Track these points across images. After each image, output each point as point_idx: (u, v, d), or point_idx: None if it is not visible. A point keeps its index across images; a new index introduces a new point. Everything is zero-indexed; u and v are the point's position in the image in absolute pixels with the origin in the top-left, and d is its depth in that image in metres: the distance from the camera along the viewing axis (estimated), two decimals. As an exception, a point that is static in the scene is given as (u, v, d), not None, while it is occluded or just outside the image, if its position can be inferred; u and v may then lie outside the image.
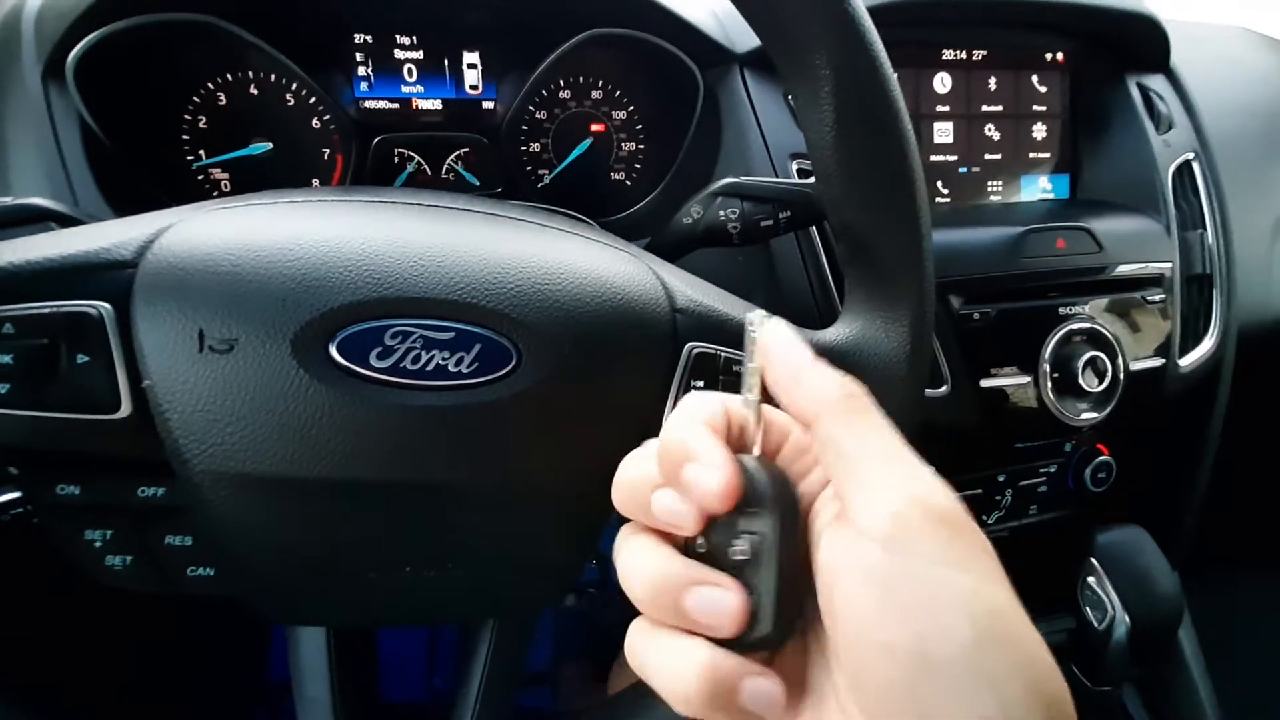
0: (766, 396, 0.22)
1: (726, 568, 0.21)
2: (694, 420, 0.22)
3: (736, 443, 0.23)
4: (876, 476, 0.20)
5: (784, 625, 0.20)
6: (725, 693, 0.20)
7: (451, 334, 0.27)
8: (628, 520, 0.23)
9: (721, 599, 0.20)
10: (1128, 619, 0.52)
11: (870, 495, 0.20)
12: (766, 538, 0.20)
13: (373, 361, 0.27)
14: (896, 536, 0.19)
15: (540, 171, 0.60)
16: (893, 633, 0.18)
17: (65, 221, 0.34)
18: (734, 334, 0.31)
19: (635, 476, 0.23)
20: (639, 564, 0.22)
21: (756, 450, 0.22)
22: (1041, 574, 0.59)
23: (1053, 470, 0.60)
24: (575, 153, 0.60)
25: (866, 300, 0.34)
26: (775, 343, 0.23)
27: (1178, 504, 0.66)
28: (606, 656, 0.72)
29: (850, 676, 0.19)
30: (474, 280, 0.28)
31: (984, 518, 0.59)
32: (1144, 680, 0.63)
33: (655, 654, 0.21)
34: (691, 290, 0.32)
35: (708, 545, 0.21)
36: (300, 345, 0.26)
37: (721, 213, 0.41)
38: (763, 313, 0.23)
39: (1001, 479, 0.59)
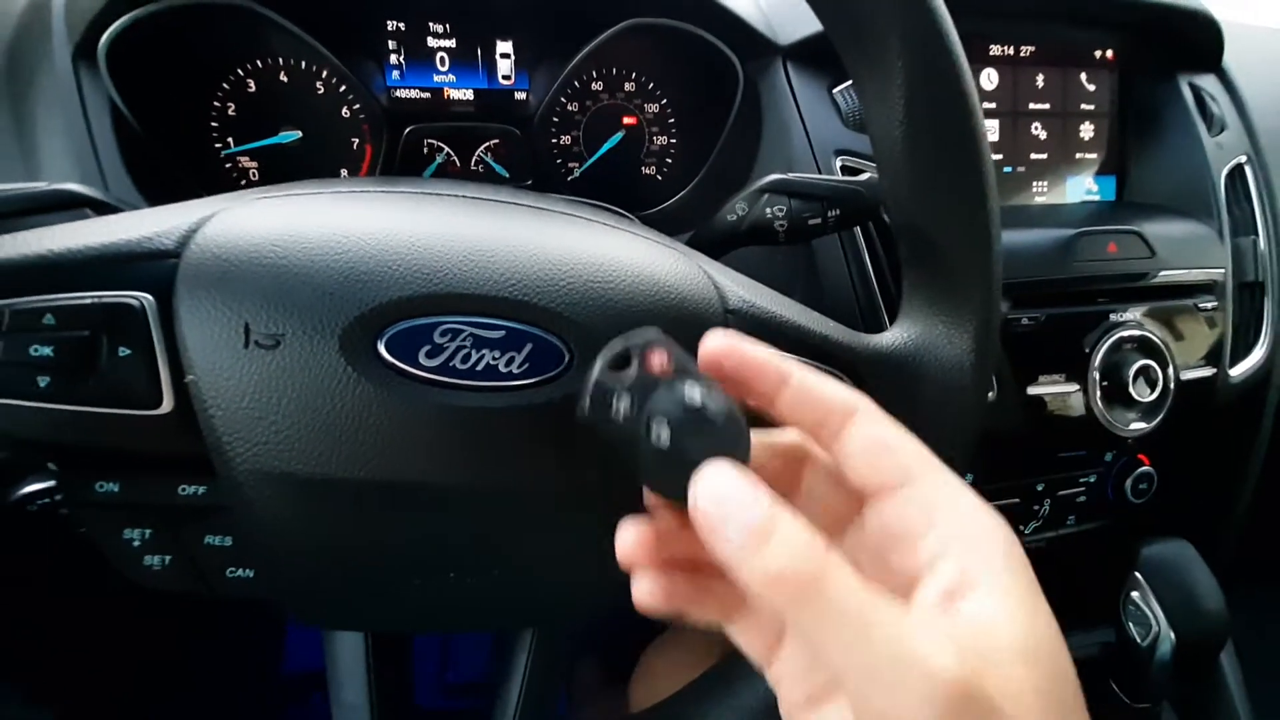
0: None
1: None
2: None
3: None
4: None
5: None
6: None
7: (502, 333, 0.26)
8: None
9: None
10: (1173, 636, 0.50)
11: None
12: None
13: (422, 360, 0.26)
14: None
15: (570, 164, 0.59)
16: None
17: (101, 208, 0.33)
18: (786, 336, 0.30)
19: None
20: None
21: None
22: (1080, 586, 0.57)
23: (1092, 480, 0.59)
24: (606, 146, 0.58)
25: (928, 303, 0.32)
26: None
27: (1219, 517, 0.64)
28: (621, 662, 0.71)
29: None
30: (526, 277, 0.27)
31: (1021, 528, 0.58)
32: (1182, 698, 0.61)
33: None
34: (744, 291, 0.31)
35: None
36: (348, 342, 0.25)
37: (768, 210, 0.40)
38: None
39: (1040, 488, 0.57)
